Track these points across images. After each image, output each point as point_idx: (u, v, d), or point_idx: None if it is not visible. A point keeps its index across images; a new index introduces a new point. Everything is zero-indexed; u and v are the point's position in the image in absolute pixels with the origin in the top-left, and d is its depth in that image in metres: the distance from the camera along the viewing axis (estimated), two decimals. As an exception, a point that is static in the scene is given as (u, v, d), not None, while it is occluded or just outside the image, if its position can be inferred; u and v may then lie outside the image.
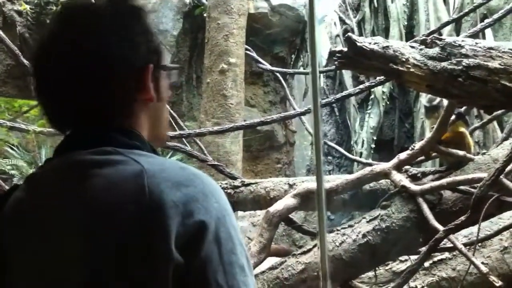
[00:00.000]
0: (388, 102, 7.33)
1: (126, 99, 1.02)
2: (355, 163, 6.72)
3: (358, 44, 1.85)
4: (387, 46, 1.87)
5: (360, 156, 6.78)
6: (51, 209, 0.96)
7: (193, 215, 0.89)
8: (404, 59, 1.85)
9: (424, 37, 1.96)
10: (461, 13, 5.45)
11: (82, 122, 1.03)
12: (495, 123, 5.65)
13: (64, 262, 0.93)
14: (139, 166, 0.93)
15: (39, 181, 1.03)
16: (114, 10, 1.04)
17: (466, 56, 1.84)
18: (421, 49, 1.89)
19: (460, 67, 1.82)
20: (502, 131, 5.44)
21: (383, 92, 7.22)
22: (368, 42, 1.87)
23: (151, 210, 0.89)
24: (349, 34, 1.95)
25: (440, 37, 1.93)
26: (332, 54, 6.97)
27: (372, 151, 7.12)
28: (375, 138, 7.20)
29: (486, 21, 4.19)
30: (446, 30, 6.04)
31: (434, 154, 3.35)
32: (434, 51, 1.87)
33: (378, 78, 3.83)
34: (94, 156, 0.96)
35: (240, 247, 0.94)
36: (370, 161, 5.50)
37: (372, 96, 7.25)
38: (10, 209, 1.01)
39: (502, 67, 1.82)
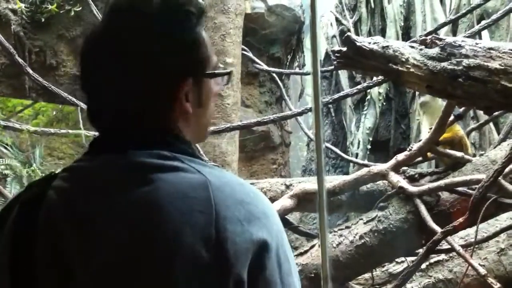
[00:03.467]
0: (384, 103, 7.31)
1: (161, 108, 1.01)
2: (351, 164, 6.70)
3: (358, 43, 1.83)
4: (387, 46, 1.86)
5: (356, 157, 6.75)
6: (112, 210, 0.92)
7: (256, 233, 0.90)
8: (403, 59, 1.83)
9: (423, 37, 1.94)
10: (458, 14, 5.45)
11: (118, 121, 1.00)
12: (491, 124, 5.64)
13: (131, 267, 0.89)
14: (203, 177, 0.93)
15: (90, 179, 0.97)
16: (165, 12, 1.01)
17: (466, 56, 1.82)
18: (421, 49, 1.87)
19: (460, 68, 1.80)
20: (498, 132, 5.44)
21: (379, 93, 7.20)
22: (367, 41, 1.85)
23: (218, 223, 0.89)
24: (348, 33, 1.93)
25: (440, 37, 1.91)
26: (330, 54, 6.97)
27: (368, 152, 7.09)
28: (371, 139, 7.17)
29: (483, 22, 4.19)
30: (443, 31, 6.02)
31: (431, 155, 3.35)
32: (434, 51, 1.85)
33: (374, 78, 3.82)
34: (154, 160, 0.95)
35: (294, 268, 0.96)
36: (366, 162, 5.48)
37: (368, 97, 7.23)
38: (57, 207, 0.95)
39: (502, 67, 1.80)
